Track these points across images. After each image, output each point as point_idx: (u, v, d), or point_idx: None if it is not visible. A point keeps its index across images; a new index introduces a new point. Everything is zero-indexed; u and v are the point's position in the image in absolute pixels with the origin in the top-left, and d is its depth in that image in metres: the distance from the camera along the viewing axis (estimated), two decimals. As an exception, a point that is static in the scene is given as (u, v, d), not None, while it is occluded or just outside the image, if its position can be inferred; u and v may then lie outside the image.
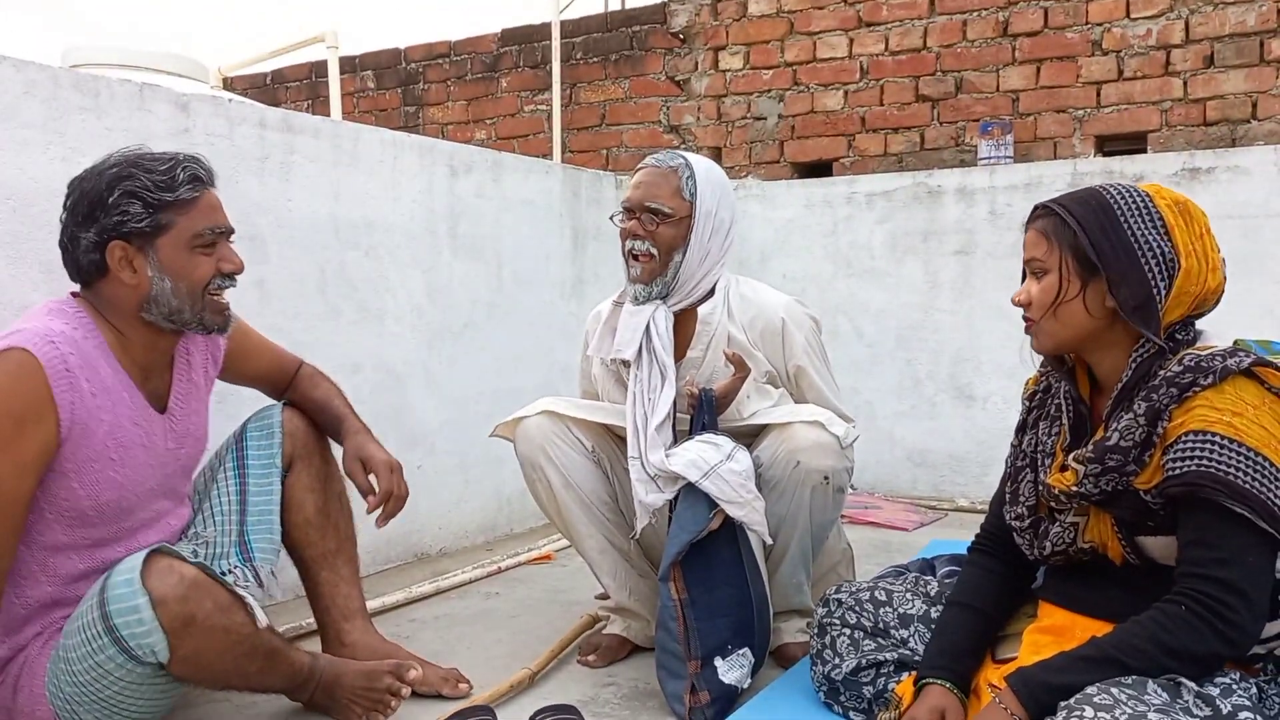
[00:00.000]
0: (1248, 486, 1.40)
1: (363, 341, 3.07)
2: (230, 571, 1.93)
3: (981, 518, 3.78)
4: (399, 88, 5.97)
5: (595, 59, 5.35)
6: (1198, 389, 1.47)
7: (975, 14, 4.47)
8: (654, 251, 2.11)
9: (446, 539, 3.37)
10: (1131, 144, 4.21)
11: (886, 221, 4.25)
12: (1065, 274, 1.58)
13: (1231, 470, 1.41)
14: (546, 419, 2.23)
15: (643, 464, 2.03)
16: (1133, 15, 4.17)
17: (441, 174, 3.34)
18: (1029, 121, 4.37)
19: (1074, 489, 1.57)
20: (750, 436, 2.17)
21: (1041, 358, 1.72)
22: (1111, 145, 4.26)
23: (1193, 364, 1.49)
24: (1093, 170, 3.87)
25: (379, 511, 2.00)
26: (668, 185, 2.11)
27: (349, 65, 5.99)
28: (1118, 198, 1.57)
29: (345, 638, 2.06)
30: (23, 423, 1.59)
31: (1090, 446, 1.57)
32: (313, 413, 2.14)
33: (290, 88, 6.31)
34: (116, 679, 1.61)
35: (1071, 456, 1.60)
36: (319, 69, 6.18)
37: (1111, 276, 1.54)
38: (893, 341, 4.22)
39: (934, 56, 4.56)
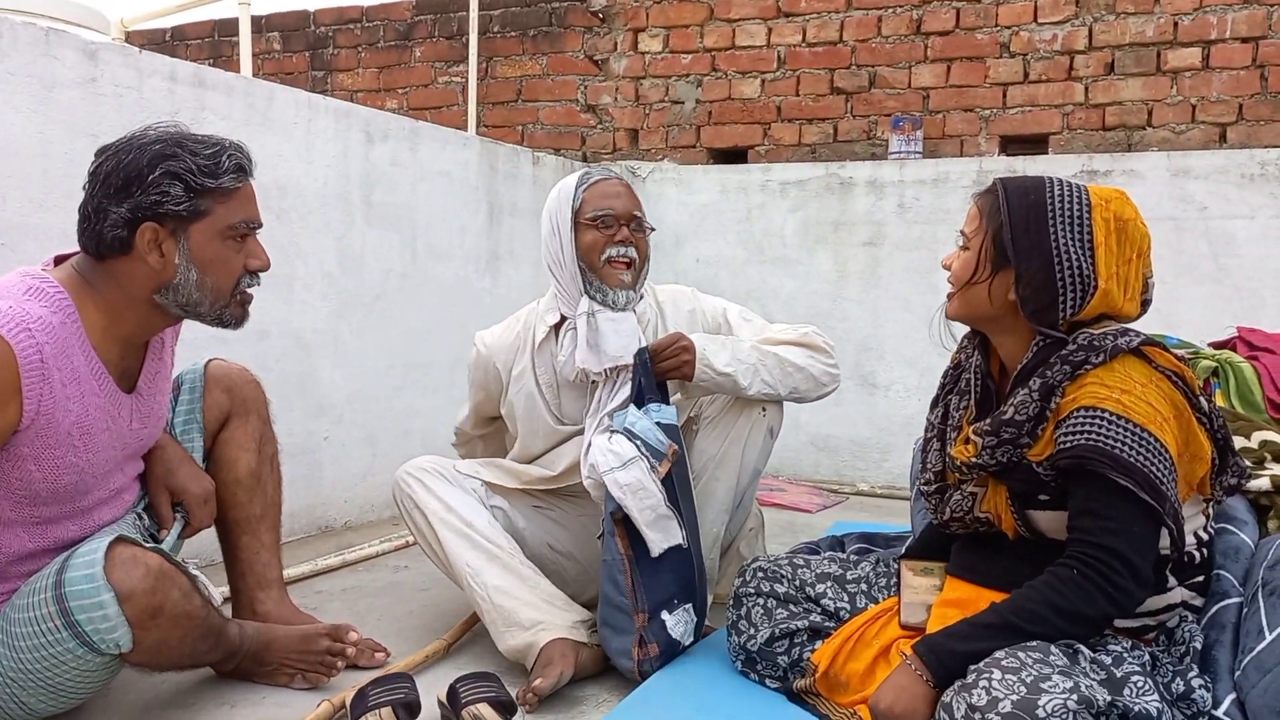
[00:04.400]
0: (1131, 460, 1.47)
1: (270, 308, 2.98)
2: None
3: (881, 501, 3.89)
4: (307, 51, 5.81)
5: (513, 33, 5.29)
6: (1089, 366, 1.55)
7: (890, 11, 4.56)
8: (636, 258, 2.20)
9: (352, 513, 3.31)
10: (1034, 145, 4.36)
11: (799, 210, 4.32)
12: (981, 258, 1.64)
13: (1117, 444, 1.48)
14: (427, 459, 2.23)
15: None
16: (1040, 20, 4.31)
17: (357, 139, 3.26)
18: (938, 119, 4.48)
19: (973, 460, 1.65)
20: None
21: (955, 340, 1.79)
22: (1014, 145, 4.40)
23: (1086, 343, 1.57)
24: (997, 168, 4.00)
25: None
26: (637, 199, 2.24)
27: (255, 25, 5.78)
28: (1057, 200, 1.60)
29: (259, 607, 2.01)
30: None
31: (988, 420, 1.64)
32: None
33: (191, 45, 6.08)
34: (70, 668, 1.55)
35: (971, 429, 1.67)
36: (223, 27, 5.97)
37: (1020, 274, 1.59)
38: (801, 328, 4.29)
39: (849, 50, 4.64)
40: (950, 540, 1.82)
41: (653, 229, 2.27)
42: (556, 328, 2.27)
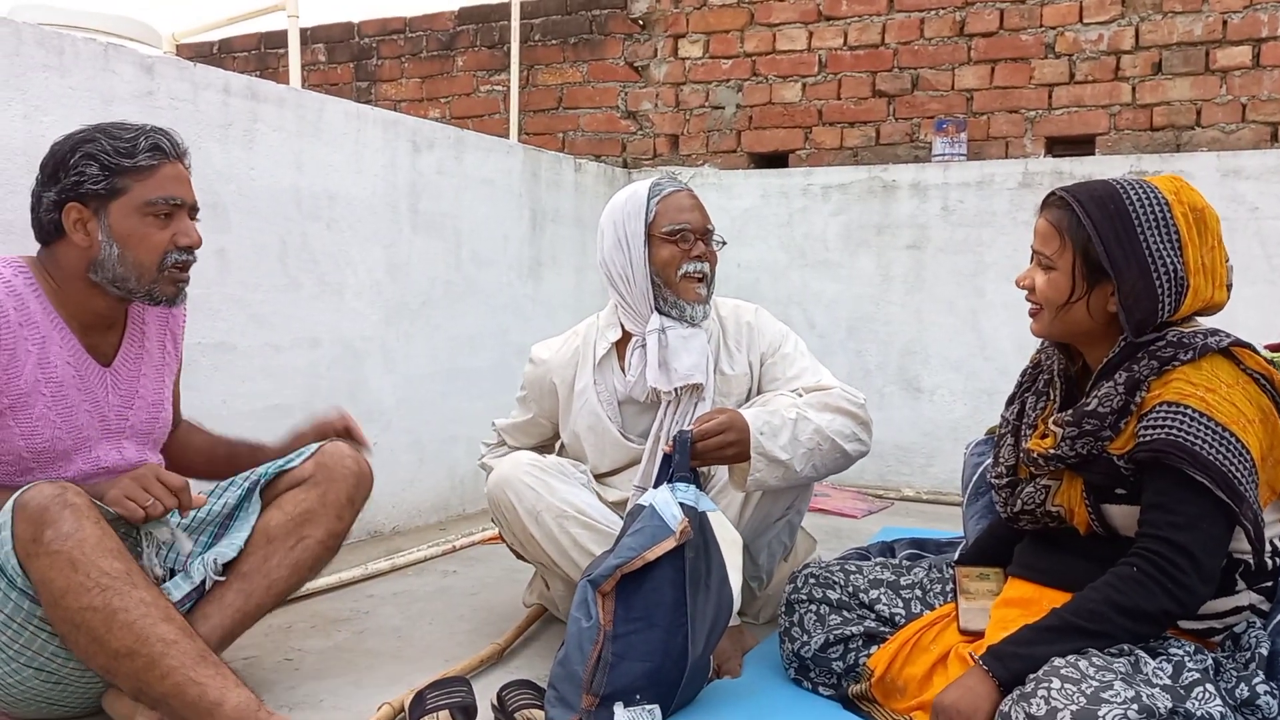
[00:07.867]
0: (1210, 457, 1.46)
1: (322, 315, 3.03)
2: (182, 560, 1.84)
3: (926, 506, 3.87)
4: (351, 62, 5.88)
5: (554, 41, 5.32)
6: (1177, 363, 1.54)
7: (933, 13, 4.53)
8: (709, 274, 2.15)
9: (400, 517, 3.35)
10: (1080, 146, 4.31)
11: (841, 214, 4.31)
12: (1075, 276, 1.61)
13: (1197, 441, 1.47)
14: (526, 456, 2.14)
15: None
16: (1085, 20, 4.27)
17: (404, 149, 3.30)
18: (982, 120, 4.45)
19: (1051, 451, 1.63)
20: None
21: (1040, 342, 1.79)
22: (1060, 147, 4.36)
23: (1175, 339, 1.56)
24: (1043, 170, 3.97)
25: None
26: (707, 211, 2.17)
27: (300, 37, 5.87)
28: (1138, 205, 1.58)
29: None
30: None
31: (1070, 411, 1.63)
32: (211, 444, 2.10)
33: (239, 57, 6.18)
34: (31, 633, 1.56)
35: (1051, 420, 1.66)
36: (269, 39, 6.06)
37: (1122, 288, 1.57)
38: (844, 332, 4.29)
39: (891, 53, 4.62)
40: (1007, 547, 1.81)
41: (724, 242, 2.19)
42: (619, 345, 2.20)
